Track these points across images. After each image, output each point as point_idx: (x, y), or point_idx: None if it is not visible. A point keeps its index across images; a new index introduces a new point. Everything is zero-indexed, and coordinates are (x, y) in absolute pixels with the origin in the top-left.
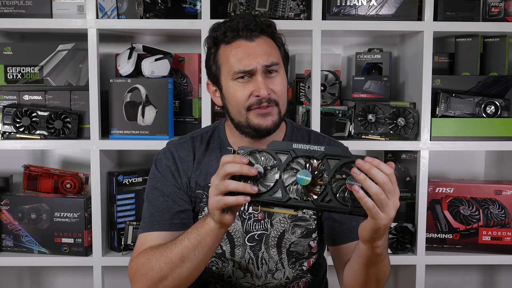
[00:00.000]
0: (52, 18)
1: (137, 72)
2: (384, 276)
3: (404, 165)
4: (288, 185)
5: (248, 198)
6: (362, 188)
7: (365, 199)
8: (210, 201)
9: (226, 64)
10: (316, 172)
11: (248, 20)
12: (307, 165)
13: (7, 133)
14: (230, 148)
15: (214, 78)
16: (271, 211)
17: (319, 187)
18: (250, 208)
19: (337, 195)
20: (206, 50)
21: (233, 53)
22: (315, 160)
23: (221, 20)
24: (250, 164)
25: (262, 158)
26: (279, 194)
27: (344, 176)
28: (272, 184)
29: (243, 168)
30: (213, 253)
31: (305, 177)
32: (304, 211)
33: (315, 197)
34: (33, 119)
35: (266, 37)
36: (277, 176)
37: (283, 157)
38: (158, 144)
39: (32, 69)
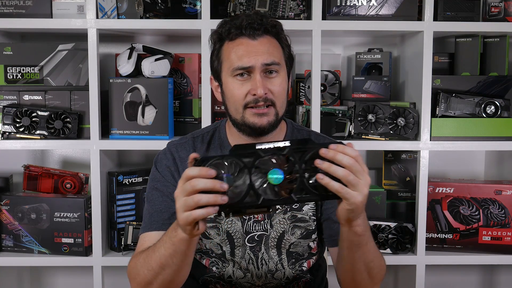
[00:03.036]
0: (52, 18)
1: (137, 72)
2: (374, 264)
3: (404, 165)
4: (260, 186)
5: (217, 208)
6: (328, 174)
7: (331, 183)
8: (180, 217)
9: (227, 60)
10: (286, 168)
11: (253, 19)
12: (275, 162)
13: (7, 133)
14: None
15: (216, 74)
16: (244, 215)
17: (291, 181)
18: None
19: (310, 185)
20: (211, 45)
21: (235, 50)
22: (281, 156)
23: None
24: (219, 176)
25: (227, 165)
26: (251, 198)
27: (313, 165)
28: (242, 190)
29: (215, 184)
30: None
31: (277, 176)
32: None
33: (289, 192)
34: (33, 119)
35: (270, 36)
36: (246, 180)
37: (249, 160)
38: (158, 144)
39: (32, 69)
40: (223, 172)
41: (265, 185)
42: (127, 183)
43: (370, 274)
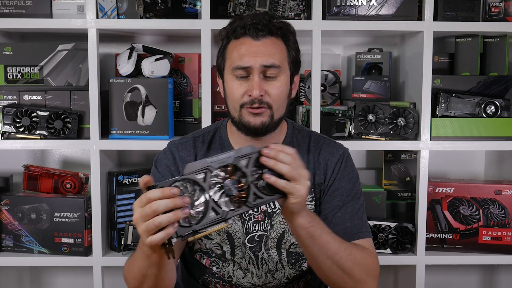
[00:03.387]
0: (52, 18)
1: (137, 72)
2: (340, 257)
3: (404, 165)
4: (219, 200)
5: (176, 225)
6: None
7: (278, 181)
8: (144, 242)
9: (229, 58)
10: (236, 177)
11: (259, 19)
12: (226, 173)
13: (7, 133)
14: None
15: (219, 70)
16: (206, 234)
17: (242, 190)
18: (246, 212)
19: (261, 189)
20: (219, 42)
21: (237, 49)
22: (230, 167)
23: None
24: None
25: (181, 187)
26: (213, 214)
27: (260, 170)
28: (202, 209)
29: (176, 202)
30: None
31: (231, 186)
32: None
33: (244, 199)
34: (33, 119)
35: (275, 38)
36: (204, 197)
37: (202, 176)
38: (158, 144)
39: (32, 69)
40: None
41: (223, 198)
42: (127, 183)
43: (343, 269)
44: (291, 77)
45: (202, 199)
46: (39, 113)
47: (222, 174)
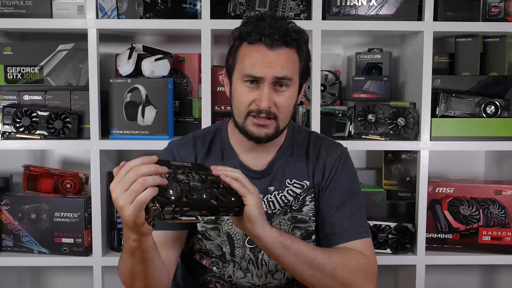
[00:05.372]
0: (52, 18)
1: (137, 72)
2: (320, 263)
3: (404, 165)
4: (189, 188)
5: (157, 189)
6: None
7: (233, 182)
8: (127, 213)
9: (241, 63)
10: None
11: (275, 28)
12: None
13: (7, 133)
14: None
15: (228, 72)
16: (178, 222)
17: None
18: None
19: (219, 193)
20: (230, 40)
21: (250, 55)
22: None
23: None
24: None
25: (173, 166)
26: (189, 195)
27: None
28: (178, 188)
29: (157, 167)
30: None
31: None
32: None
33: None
34: (33, 119)
35: (289, 49)
36: (179, 181)
37: (178, 164)
38: (158, 144)
39: (32, 69)
40: None
41: (190, 188)
42: None
43: (325, 273)
44: (300, 86)
45: (176, 182)
46: (39, 113)
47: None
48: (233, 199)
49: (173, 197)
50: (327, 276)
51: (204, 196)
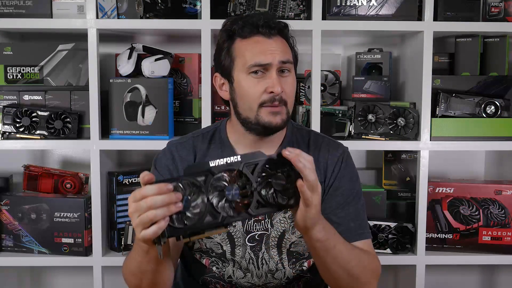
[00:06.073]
0: (52, 18)
1: (137, 72)
2: (352, 265)
3: (404, 165)
4: (217, 205)
5: (168, 219)
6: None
7: (306, 191)
8: (138, 236)
9: (241, 57)
10: (240, 183)
11: (268, 18)
12: (229, 178)
13: (7, 133)
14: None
15: (226, 71)
16: (201, 237)
17: (246, 196)
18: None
19: (266, 197)
20: (218, 42)
21: (250, 47)
22: (235, 172)
23: (227, 17)
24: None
25: (181, 187)
26: (210, 218)
27: (266, 178)
28: (201, 210)
29: (171, 197)
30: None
31: (234, 192)
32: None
33: (246, 207)
34: (33, 119)
35: (282, 37)
36: (204, 199)
37: (203, 178)
38: (158, 144)
39: (32, 69)
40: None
41: (222, 203)
42: (127, 183)
43: (351, 275)
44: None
45: (199, 201)
46: (39, 113)
47: (225, 178)
48: (275, 205)
49: (182, 226)
50: (353, 278)
51: (232, 214)
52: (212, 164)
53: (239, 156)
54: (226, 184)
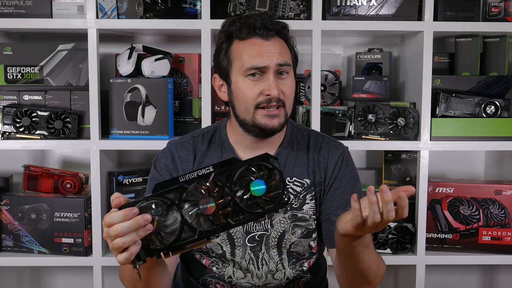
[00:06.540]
0: (52, 18)
1: (137, 72)
2: (372, 269)
3: (404, 165)
4: (193, 220)
5: (139, 243)
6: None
7: (388, 221)
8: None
9: (238, 59)
10: (216, 194)
11: (266, 19)
12: (203, 190)
13: (7, 133)
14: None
15: (224, 73)
16: (184, 251)
17: (224, 206)
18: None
19: (244, 205)
20: (217, 43)
21: (247, 49)
22: (208, 183)
23: (227, 17)
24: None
25: (154, 207)
26: (187, 233)
27: (242, 185)
28: (176, 227)
29: (139, 221)
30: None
31: (208, 205)
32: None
33: (225, 217)
34: (33, 119)
35: (280, 38)
36: (178, 217)
37: (174, 195)
38: (158, 144)
39: (32, 69)
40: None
41: (197, 217)
42: (127, 183)
43: (366, 279)
44: (294, 74)
45: (173, 219)
46: (39, 113)
47: (200, 191)
48: (256, 213)
49: (158, 247)
50: (365, 282)
51: (211, 225)
52: (182, 179)
53: (211, 167)
54: (202, 197)
